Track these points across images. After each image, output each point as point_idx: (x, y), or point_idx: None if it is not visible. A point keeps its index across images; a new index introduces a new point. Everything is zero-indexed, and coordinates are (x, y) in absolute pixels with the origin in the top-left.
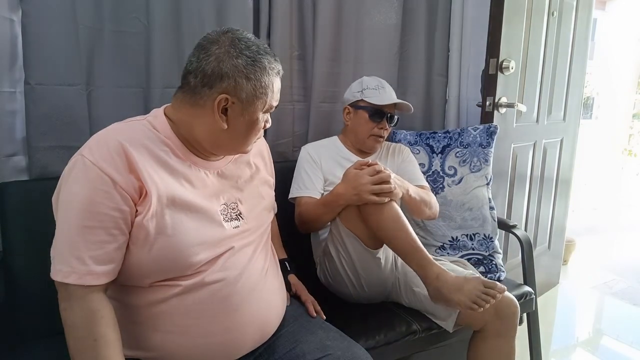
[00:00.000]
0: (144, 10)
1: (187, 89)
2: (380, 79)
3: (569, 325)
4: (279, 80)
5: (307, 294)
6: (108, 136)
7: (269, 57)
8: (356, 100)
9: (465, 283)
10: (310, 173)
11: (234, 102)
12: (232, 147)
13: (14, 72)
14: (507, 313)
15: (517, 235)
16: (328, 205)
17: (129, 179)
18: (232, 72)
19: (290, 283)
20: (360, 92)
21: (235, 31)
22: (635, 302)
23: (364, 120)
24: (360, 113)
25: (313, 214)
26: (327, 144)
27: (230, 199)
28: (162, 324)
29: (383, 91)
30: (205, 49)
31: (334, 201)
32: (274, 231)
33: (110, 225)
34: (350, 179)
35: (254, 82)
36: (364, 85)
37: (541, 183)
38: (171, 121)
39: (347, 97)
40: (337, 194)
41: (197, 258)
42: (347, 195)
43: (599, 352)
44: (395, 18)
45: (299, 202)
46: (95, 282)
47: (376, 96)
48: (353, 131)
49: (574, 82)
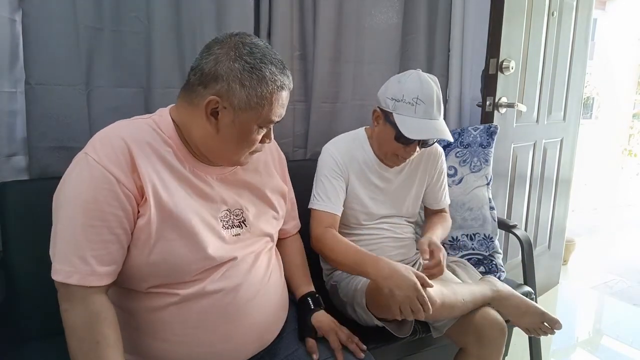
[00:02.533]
0: (144, 10)
1: (187, 86)
2: (428, 83)
3: (569, 325)
4: (284, 93)
5: (335, 339)
6: (112, 134)
7: (273, 68)
8: (387, 109)
9: (527, 311)
10: (335, 183)
11: (225, 107)
12: (223, 155)
13: (15, 72)
14: (490, 337)
15: (517, 235)
16: (354, 267)
17: (132, 179)
18: (227, 75)
19: (313, 327)
20: (394, 102)
21: (244, 36)
22: (635, 302)
23: (389, 137)
24: (387, 127)
25: (331, 254)
26: (354, 147)
27: (235, 205)
28: (160, 332)
29: (421, 110)
30: (208, 48)
31: (364, 272)
32: (299, 260)
33: (114, 224)
34: (397, 277)
35: (249, 90)
36: (402, 91)
37: (541, 183)
38: (174, 122)
39: (380, 97)
40: (369, 273)
41: (195, 266)
42: (381, 283)
43: (599, 352)
44: (396, 18)
45: (319, 217)
46: (98, 282)
47: (409, 117)
48: (377, 141)
49: (574, 82)
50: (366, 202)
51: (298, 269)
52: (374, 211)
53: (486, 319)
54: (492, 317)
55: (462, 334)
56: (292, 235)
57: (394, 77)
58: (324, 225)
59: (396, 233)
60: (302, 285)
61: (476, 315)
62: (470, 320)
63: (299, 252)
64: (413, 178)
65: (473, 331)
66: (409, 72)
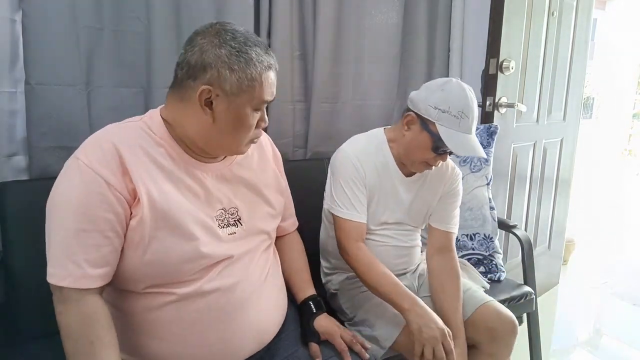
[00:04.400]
0: (144, 10)
1: (175, 84)
2: (470, 96)
3: (569, 325)
4: (271, 73)
5: (340, 342)
6: (102, 138)
7: (258, 50)
8: (428, 117)
9: None
10: (357, 191)
11: (218, 95)
12: (223, 144)
13: (15, 72)
14: (502, 334)
15: (517, 235)
16: (386, 295)
17: (123, 182)
18: (215, 62)
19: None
20: (438, 112)
21: (224, 24)
22: (635, 302)
23: (425, 145)
24: (425, 135)
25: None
26: (372, 149)
27: (230, 203)
28: (157, 332)
29: (464, 124)
30: (191, 41)
31: (397, 305)
32: (300, 262)
33: (105, 227)
34: (430, 318)
35: (239, 73)
36: (448, 102)
37: (541, 183)
38: (166, 122)
39: (418, 102)
40: (404, 308)
41: (190, 265)
42: (412, 319)
43: (599, 352)
44: (396, 18)
45: (346, 227)
46: (90, 285)
47: (453, 128)
48: (406, 146)
49: (574, 82)
50: (376, 207)
51: (299, 271)
52: (383, 217)
53: (500, 317)
54: (503, 313)
55: (474, 332)
56: (290, 234)
57: (433, 82)
58: (353, 237)
59: (401, 241)
60: (303, 289)
61: (488, 312)
62: (482, 317)
63: (300, 253)
64: (430, 188)
65: (485, 329)
66: (450, 81)
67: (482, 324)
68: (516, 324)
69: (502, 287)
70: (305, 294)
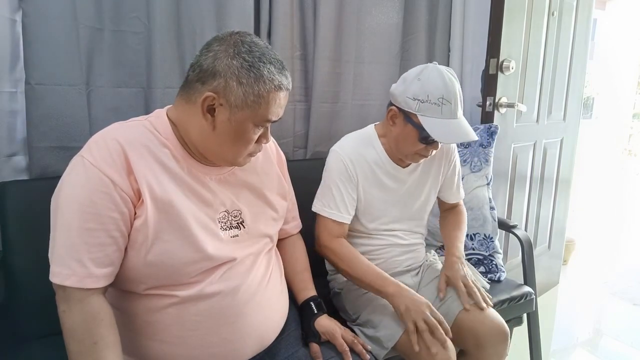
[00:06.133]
0: (144, 10)
1: (185, 84)
2: (451, 80)
3: (569, 325)
4: (281, 94)
5: (341, 342)
6: (108, 137)
7: (271, 68)
8: (409, 110)
9: None
10: (344, 191)
11: (222, 104)
12: (221, 154)
13: (15, 72)
14: (490, 341)
15: (517, 235)
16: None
17: (128, 181)
18: (225, 72)
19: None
20: (417, 103)
21: (244, 34)
22: (635, 302)
23: (411, 138)
24: (409, 128)
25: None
26: (363, 147)
27: (233, 206)
28: (159, 334)
29: (447, 110)
30: (208, 45)
31: (382, 292)
32: (302, 264)
33: (111, 227)
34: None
35: (246, 87)
36: (425, 91)
37: (541, 183)
38: (172, 122)
39: (397, 95)
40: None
41: (193, 267)
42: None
43: (599, 352)
44: (396, 18)
45: (327, 225)
46: (94, 285)
47: (435, 118)
48: (395, 141)
49: (574, 82)
50: (376, 205)
51: (300, 272)
52: (383, 214)
53: (484, 324)
54: (490, 321)
55: (460, 337)
56: (293, 236)
57: (410, 73)
58: (333, 234)
59: (404, 240)
60: (304, 290)
61: (474, 320)
62: (467, 324)
63: (301, 255)
64: (426, 176)
65: (471, 336)
66: (426, 68)
67: (468, 332)
68: (505, 329)
69: (502, 287)
70: (306, 294)
